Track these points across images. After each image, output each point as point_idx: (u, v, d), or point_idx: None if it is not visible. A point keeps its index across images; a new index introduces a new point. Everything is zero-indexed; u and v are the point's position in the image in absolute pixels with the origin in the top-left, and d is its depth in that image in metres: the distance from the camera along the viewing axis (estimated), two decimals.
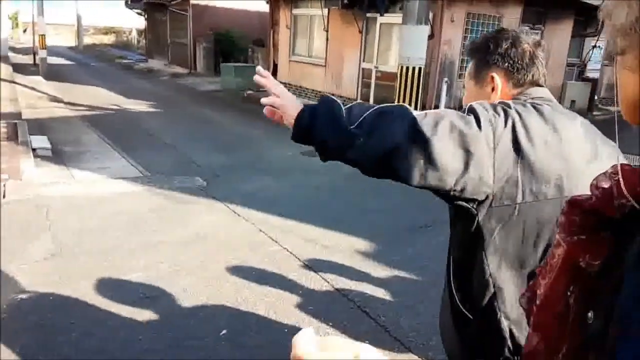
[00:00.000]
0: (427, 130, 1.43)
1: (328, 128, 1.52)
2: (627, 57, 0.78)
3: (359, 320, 4.05)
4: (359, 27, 13.84)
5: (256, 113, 14.33)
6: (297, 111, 1.61)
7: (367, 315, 4.10)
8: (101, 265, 4.71)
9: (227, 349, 3.60)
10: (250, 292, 4.38)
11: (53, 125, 11.04)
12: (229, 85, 17.80)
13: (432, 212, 6.49)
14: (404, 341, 3.75)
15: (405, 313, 4.14)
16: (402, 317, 4.08)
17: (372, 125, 1.47)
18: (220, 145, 10.14)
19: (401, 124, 1.45)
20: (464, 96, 1.91)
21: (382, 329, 3.92)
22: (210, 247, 5.25)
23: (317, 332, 0.68)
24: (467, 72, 1.88)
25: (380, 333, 3.88)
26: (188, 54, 24.01)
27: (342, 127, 1.49)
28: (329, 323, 3.95)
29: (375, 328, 3.94)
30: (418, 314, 4.14)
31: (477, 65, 1.80)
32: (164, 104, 15.15)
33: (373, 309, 4.18)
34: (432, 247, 5.38)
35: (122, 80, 20.50)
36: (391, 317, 4.06)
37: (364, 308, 4.20)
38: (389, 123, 1.46)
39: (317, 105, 1.59)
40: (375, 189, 7.45)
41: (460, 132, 1.43)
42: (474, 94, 1.78)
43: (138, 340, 3.66)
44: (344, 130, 1.49)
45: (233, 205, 6.49)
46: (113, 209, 6.19)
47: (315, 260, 5.03)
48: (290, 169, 8.55)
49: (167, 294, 4.30)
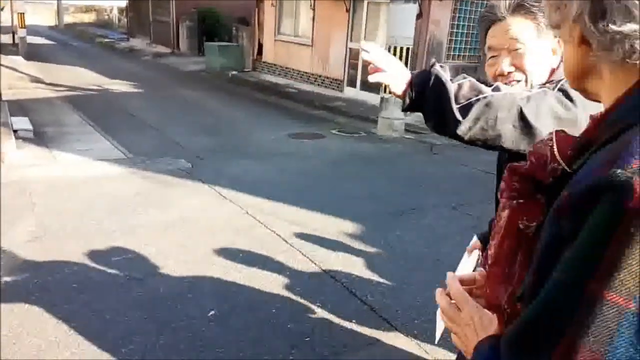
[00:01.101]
0: (531, 117, 1.48)
1: (436, 107, 1.56)
2: (562, 31, 0.87)
3: (347, 300, 4.06)
4: (347, 5, 13.71)
5: (240, 94, 14.28)
6: (404, 86, 1.60)
7: (354, 296, 4.11)
8: (85, 248, 4.67)
9: (215, 330, 3.59)
10: (238, 273, 4.37)
11: (34, 106, 10.88)
12: (213, 65, 17.59)
13: (415, 197, 6.55)
14: (391, 321, 3.78)
15: (390, 294, 4.17)
16: (388, 298, 4.10)
17: (479, 113, 1.50)
18: (204, 127, 10.06)
19: (508, 115, 1.49)
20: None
21: (369, 309, 3.94)
22: (196, 229, 5.22)
23: (304, 312, 0.68)
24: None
25: (367, 312, 3.90)
26: (171, 33, 23.69)
27: (449, 108, 1.52)
28: (317, 303, 3.96)
29: (363, 308, 3.95)
30: (403, 295, 4.17)
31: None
32: (147, 84, 15.00)
33: (360, 290, 4.19)
34: (415, 232, 5.42)
35: (103, 60, 20.26)
36: (378, 298, 4.08)
37: (352, 289, 4.21)
38: (495, 114, 1.50)
39: (425, 78, 1.58)
40: (360, 174, 7.46)
41: (559, 117, 1.49)
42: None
43: (125, 321, 3.64)
44: (451, 111, 1.52)
45: (219, 187, 6.44)
46: (96, 191, 6.13)
47: (302, 242, 5.02)
48: (276, 152, 8.51)
49: (153, 276, 4.27)
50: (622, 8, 0.75)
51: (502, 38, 1.71)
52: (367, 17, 13.39)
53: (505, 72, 1.72)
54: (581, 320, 0.68)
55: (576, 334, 0.68)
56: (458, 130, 1.52)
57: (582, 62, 0.85)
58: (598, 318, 0.67)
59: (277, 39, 16.76)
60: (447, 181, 7.36)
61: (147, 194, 6.15)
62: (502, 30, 1.71)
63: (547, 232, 0.76)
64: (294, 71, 16.09)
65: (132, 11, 29.22)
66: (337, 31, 14.24)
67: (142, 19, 27.27)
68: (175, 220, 5.38)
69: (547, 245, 0.76)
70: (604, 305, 0.67)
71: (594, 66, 0.84)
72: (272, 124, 10.65)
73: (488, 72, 1.80)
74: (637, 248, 0.65)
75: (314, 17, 15.05)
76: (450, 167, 8.18)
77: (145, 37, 26.95)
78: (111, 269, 4.34)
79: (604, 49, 0.79)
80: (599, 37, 0.79)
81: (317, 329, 3.67)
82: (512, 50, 1.71)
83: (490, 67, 1.78)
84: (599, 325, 0.67)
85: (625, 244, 0.66)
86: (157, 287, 4.11)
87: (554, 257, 0.73)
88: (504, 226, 0.95)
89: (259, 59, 17.63)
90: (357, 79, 13.75)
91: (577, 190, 0.72)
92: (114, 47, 25.88)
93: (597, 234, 0.68)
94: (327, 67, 14.81)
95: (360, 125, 10.94)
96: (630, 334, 0.66)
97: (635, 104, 0.78)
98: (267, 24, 17.08)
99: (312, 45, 15.27)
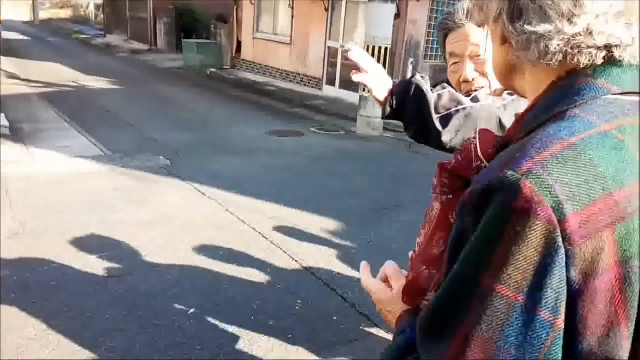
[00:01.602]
0: (508, 122, 1.51)
1: (416, 116, 1.59)
2: (489, 30, 0.91)
3: (328, 297, 4.08)
4: (325, 4, 13.72)
5: (219, 92, 14.21)
6: (386, 93, 1.62)
7: (335, 293, 4.13)
8: (64, 245, 4.63)
9: (196, 327, 3.59)
10: (219, 271, 4.36)
11: (10, 102, 10.70)
12: (191, 63, 17.48)
13: (395, 194, 6.59)
14: (371, 317, 3.80)
15: None
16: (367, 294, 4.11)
17: (460, 125, 1.55)
18: (183, 124, 10.01)
19: (487, 125, 1.52)
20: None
21: (349, 306, 3.96)
22: (176, 226, 5.20)
23: (286, 309, 0.71)
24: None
25: (348, 309, 3.92)
26: (148, 30, 23.45)
27: (429, 118, 1.56)
28: (298, 300, 3.98)
29: (343, 305, 3.98)
30: None
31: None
32: (125, 81, 14.85)
33: (341, 287, 4.21)
34: (396, 228, 5.46)
35: (80, 57, 20.02)
36: (358, 295, 4.09)
37: (333, 286, 4.23)
38: (475, 124, 1.53)
39: (405, 87, 1.61)
40: (340, 171, 7.49)
41: None
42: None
43: (105, 318, 3.62)
44: (431, 121, 1.56)
45: (198, 184, 6.42)
46: (75, 188, 6.07)
47: (283, 239, 5.03)
48: (256, 149, 8.50)
49: (132, 274, 4.25)
50: (538, 9, 0.78)
51: (463, 44, 1.72)
52: (345, 15, 13.42)
53: (470, 78, 1.72)
54: (476, 310, 0.73)
55: (472, 322, 0.73)
56: (442, 139, 1.56)
57: (506, 60, 0.88)
58: (490, 309, 0.72)
59: (256, 37, 16.70)
60: (426, 178, 7.29)
61: (126, 191, 6.10)
62: (462, 37, 1.72)
63: (455, 226, 0.81)
64: (273, 69, 16.05)
65: (109, 7, 28.90)
66: (316, 30, 14.24)
67: (119, 15, 26.99)
68: (155, 218, 5.35)
69: (454, 239, 0.80)
70: (495, 298, 0.71)
71: (518, 65, 0.87)
72: (251, 122, 10.63)
73: (451, 78, 1.80)
74: (523, 245, 0.70)
75: (292, 16, 15.03)
76: (428, 164, 8.23)
77: (122, 33, 26.68)
78: (90, 266, 4.31)
79: (522, 48, 0.82)
80: (516, 36, 0.81)
81: (298, 325, 3.68)
82: (474, 56, 1.72)
83: (454, 74, 1.78)
84: (491, 315, 0.72)
85: (513, 242, 0.70)
86: (137, 285, 4.09)
87: (460, 250, 0.77)
88: (436, 219, 1.01)
89: (237, 56, 17.56)
90: (337, 78, 13.77)
91: (477, 188, 0.75)
92: (91, 44, 25.57)
93: (489, 231, 0.73)
94: (306, 66, 14.80)
95: (339, 123, 10.97)
96: (519, 324, 0.70)
97: (547, 104, 0.81)
98: (246, 22, 17.01)
99: (291, 44, 15.25)
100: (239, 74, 16.91)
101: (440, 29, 1.80)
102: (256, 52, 16.73)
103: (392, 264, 1.20)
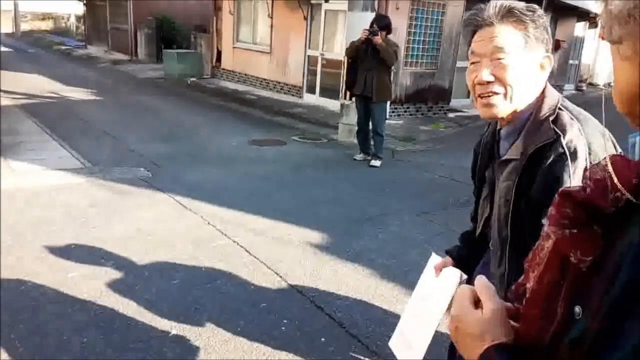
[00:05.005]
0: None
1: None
2: (624, 46, 0.74)
3: (315, 316, 3.94)
4: (304, 13, 13.68)
5: (199, 101, 14.09)
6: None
7: (322, 311, 4.00)
8: (41, 263, 4.47)
9: (176, 350, 3.45)
10: (199, 289, 4.23)
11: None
12: (172, 72, 17.37)
13: (379, 203, 6.53)
14: (360, 338, 3.67)
15: (358, 308, 4.06)
16: (356, 313, 3.99)
17: None
18: (163, 134, 9.87)
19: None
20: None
21: (337, 325, 3.83)
22: (155, 241, 5.06)
23: (271, 330, 0.60)
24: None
25: (336, 328, 3.79)
26: (129, 40, 23.37)
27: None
28: (284, 320, 3.84)
29: (331, 324, 3.84)
30: (372, 309, 4.07)
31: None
32: (105, 92, 14.68)
33: (327, 305, 4.08)
34: (381, 240, 5.38)
35: (60, 68, 19.78)
36: (346, 313, 3.98)
37: (319, 304, 4.09)
38: None
39: None
40: (322, 180, 7.41)
41: None
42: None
43: (82, 341, 3.48)
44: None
45: (178, 197, 6.29)
46: (51, 202, 5.91)
47: (266, 253, 4.90)
48: (236, 159, 8.39)
49: (110, 293, 4.10)
50: None
51: (486, 44, 1.62)
52: (325, 24, 13.39)
53: (485, 81, 1.62)
54: None
55: None
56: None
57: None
58: None
59: (236, 46, 16.62)
60: (410, 187, 7.36)
61: (104, 205, 5.95)
62: (487, 36, 1.62)
63: (629, 271, 0.66)
64: (253, 78, 15.97)
65: (90, 19, 28.67)
66: (296, 38, 14.19)
67: (100, 27, 26.81)
68: (133, 233, 5.21)
69: (628, 287, 0.66)
70: None
71: None
72: (232, 131, 10.52)
73: (468, 78, 1.70)
74: None
75: (272, 25, 14.97)
76: (412, 172, 8.19)
77: (103, 44, 26.49)
78: (67, 285, 4.15)
79: None
80: None
81: (284, 347, 3.54)
82: (494, 58, 1.62)
83: (471, 74, 1.68)
84: None
85: None
86: (114, 305, 3.93)
87: (638, 301, 0.64)
88: (547, 257, 0.87)
89: (217, 65, 17.46)
90: (317, 86, 13.73)
91: None
92: (72, 55, 25.34)
93: None
94: (286, 74, 14.74)
95: (320, 131, 10.89)
96: None
97: None
98: (226, 32, 16.93)
99: (271, 53, 15.19)
100: (219, 83, 16.81)
101: (467, 24, 1.69)
102: (236, 61, 16.64)
103: (483, 279, 1.00)
